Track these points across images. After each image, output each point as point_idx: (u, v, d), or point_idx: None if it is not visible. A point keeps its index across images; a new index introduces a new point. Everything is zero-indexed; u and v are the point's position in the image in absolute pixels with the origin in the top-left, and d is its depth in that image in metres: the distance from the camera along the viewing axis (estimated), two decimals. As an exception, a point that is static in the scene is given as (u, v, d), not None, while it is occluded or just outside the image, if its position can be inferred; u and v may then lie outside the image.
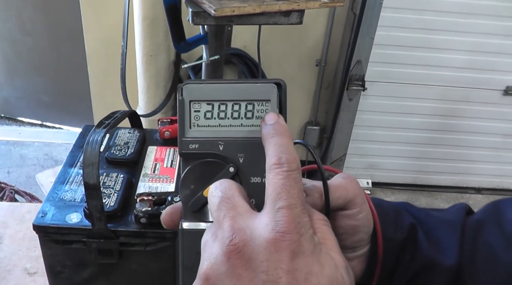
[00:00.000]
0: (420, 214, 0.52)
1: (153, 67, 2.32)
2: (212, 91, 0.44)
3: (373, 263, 0.49)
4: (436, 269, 0.48)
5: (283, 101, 0.44)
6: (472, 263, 0.48)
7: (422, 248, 0.49)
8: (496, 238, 0.47)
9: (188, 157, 0.44)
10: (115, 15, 2.39)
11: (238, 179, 0.43)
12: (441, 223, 0.51)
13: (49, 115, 3.40)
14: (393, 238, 0.49)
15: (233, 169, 0.43)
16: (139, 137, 0.89)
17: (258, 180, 0.43)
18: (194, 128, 0.44)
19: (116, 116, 0.80)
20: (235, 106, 0.44)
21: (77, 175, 0.83)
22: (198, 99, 0.44)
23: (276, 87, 0.44)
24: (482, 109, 2.76)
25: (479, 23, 2.48)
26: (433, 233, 0.50)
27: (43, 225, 0.73)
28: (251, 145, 0.43)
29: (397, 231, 0.49)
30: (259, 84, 0.44)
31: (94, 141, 0.69)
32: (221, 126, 0.44)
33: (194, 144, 0.43)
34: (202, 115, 0.44)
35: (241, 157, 0.43)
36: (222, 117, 0.44)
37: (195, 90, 0.44)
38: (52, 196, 0.78)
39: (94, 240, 0.73)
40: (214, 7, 1.39)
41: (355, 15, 2.41)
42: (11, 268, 1.03)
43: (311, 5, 1.50)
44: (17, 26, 3.09)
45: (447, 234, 0.49)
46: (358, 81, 2.57)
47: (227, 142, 0.43)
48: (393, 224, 0.49)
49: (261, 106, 0.44)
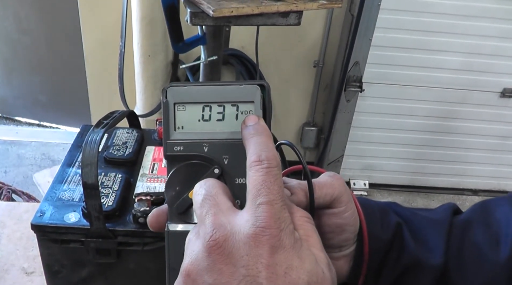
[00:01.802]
0: (406, 214, 0.52)
1: (151, 67, 2.32)
2: (197, 93, 0.44)
3: (360, 262, 0.50)
4: (423, 268, 0.49)
5: (267, 102, 0.44)
6: (459, 262, 0.48)
7: (409, 247, 0.49)
8: (484, 238, 0.47)
9: (173, 159, 0.44)
10: (113, 15, 2.39)
11: (223, 180, 0.43)
12: (428, 222, 0.51)
13: (47, 115, 3.40)
14: (379, 237, 0.49)
15: (218, 170, 0.43)
16: (137, 137, 0.90)
17: (243, 181, 0.43)
18: (179, 130, 0.44)
19: (115, 116, 0.80)
20: (219, 108, 0.44)
21: (75, 174, 0.83)
22: (183, 102, 0.44)
23: (259, 88, 0.44)
24: (479, 111, 2.77)
25: (476, 25, 2.49)
26: (419, 232, 0.50)
27: (41, 225, 0.73)
28: (235, 147, 0.44)
29: (384, 230, 0.49)
30: (242, 86, 0.44)
31: (92, 141, 0.69)
32: (205, 128, 0.44)
33: (179, 146, 0.44)
34: (186, 117, 0.44)
35: (225, 159, 0.44)
36: (206, 119, 0.44)
37: (179, 92, 0.44)
38: (50, 195, 0.78)
39: (92, 240, 0.73)
40: (213, 7, 1.39)
41: (353, 16, 2.41)
42: (9, 267, 1.03)
43: (309, 6, 1.50)
44: (14, 25, 3.09)
45: (433, 233, 0.49)
46: (356, 82, 2.57)
47: (212, 143, 0.44)
48: (379, 224, 0.50)
49: (245, 108, 0.44)
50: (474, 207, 0.51)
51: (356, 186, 3.06)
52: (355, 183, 3.04)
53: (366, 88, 2.60)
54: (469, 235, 0.48)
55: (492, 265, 0.46)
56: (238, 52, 2.58)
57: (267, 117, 0.44)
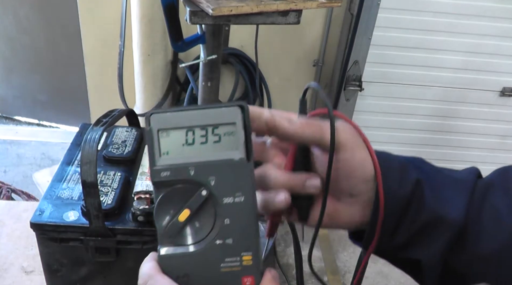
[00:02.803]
0: (430, 170, 0.51)
1: (151, 66, 2.32)
2: (179, 118, 0.45)
3: (375, 217, 0.49)
4: (441, 225, 0.48)
5: (247, 123, 0.45)
6: (477, 224, 0.47)
7: (428, 204, 0.48)
8: (502, 202, 0.47)
9: (161, 185, 0.45)
10: (112, 14, 2.39)
11: (210, 201, 0.45)
12: (451, 181, 0.50)
13: (46, 114, 3.40)
14: (396, 193, 0.48)
15: (206, 192, 0.44)
16: (136, 135, 0.90)
17: (231, 200, 0.44)
18: (164, 156, 0.45)
19: (114, 114, 0.80)
20: (202, 131, 0.45)
21: (75, 173, 0.83)
22: (166, 128, 0.45)
23: (240, 109, 0.45)
24: (479, 110, 2.77)
25: (475, 24, 2.49)
26: (441, 189, 0.49)
27: (40, 223, 0.73)
28: (221, 167, 0.45)
29: (401, 187, 0.49)
30: (223, 108, 0.45)
31: (92, 139, 0.69)
32: (190, 151, 0.45)
33: (166, 171, 0.45)
34: (170, 142, 0.45)
35: (212, 180, 0.45)
36: (190, 143, 0.45)
37: (162, 119, 0.45)
38: (50, 194, 0.78)
39: (91, 238, 0.73)
40: (212, 6, 1.39)
41: (353, 15, 2.41)
42: (8, 266, 1.03)
43: (308, 5, 1.50)
44: (13, 24, 3.09)
45: (456, 192, 0.49)
46: (355, 81, 2.57)
47: (198, 166, 0.45)
48: (397, 179, 0.49)
49: (227, 129, 0.45)
50: (496, 171, 0.51)
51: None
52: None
53: (365, 87, 2.60)
54: (489, 198, 0.48)
55: (508, 229, 0.46)
56: (238, 51, 2.58)
57: (248, 136, 0.45)
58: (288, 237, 2.63)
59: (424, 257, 0.49)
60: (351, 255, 2.57)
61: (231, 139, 0.45)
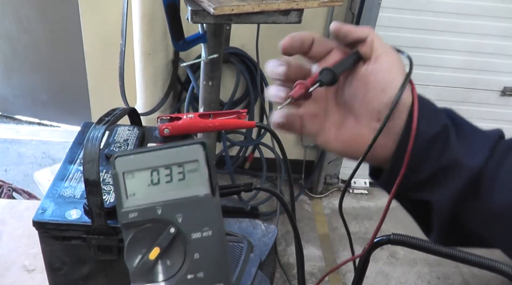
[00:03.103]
0: (460, 120, 0.53)
1: (151, 65, 2.33)
2: (143, 159, 0.47)
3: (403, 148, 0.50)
4: (460, 168, 0.49)
5: (209, 159, 0.47)
6: (493, 176, 0.48)
7: (452, 147, 0.50)
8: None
9: (129, 226, 0.46)
10: (113, 14, 2.40)
11: (179, 238, 0.46)
12: (477, 133, 0.52)
13: (47, 114, 3.40)
14: (426, 130, 0.50)
15: (174, 229, 0.46)
16: (138, 134, 0.89)
17: (199, 235, 0.46)
18: (131, 197, 0.46)
19: (116, 113, 0.80)
20: (166, 170, 0.47)
21: (77, 171, 0.83)
22: (131, 170, 0.46)
23: (202, 146, 0.47)
24: (480, 109, 2.77)
25: (476, 24, 2.49)
26: (467, 137, 0.51)
27: (42, 221, 0.72)
28: (187, 204, 0.46)
29: (431, 126, 0.50)
30: (185, 146, 0.47)
31: (94, 137, 0.69)
32: (156, 191, 0.47)
33: (133, 213, 0.46)
34: (136, 184, 0.46)
35: (179, 217, 0.46)
36: (156, 182, 0.47)
37: (126, 161, 0.46)
38: (52, 192, 0.78)
39: (93, 237, 0.72)
40: (214, 5, 1.40)
41: (354, 14, 2.42)
42: (10, 265, 1.03)
43: (310, 4, 1.51)
44: (14, 23, 3.09)
45: (479, 144, 0.50)
46: (356, 80, 2.57)
47: (164, 205, 0.46)
48: (429, 118, 0.50)
49: (191, 166, 0.47)
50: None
51: (356, 184, 3.06)
52: (355, 181, 3.04)
53: (366, 86, 2.60)
54: (508, 158, 0.49)
55: None
56: (239, 51, 2.59)
57: (211, 171, 0.47)
58: (288, 236, 2.63)
59: (437, 199, 0.50)
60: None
61: (195, 176, 0.47)
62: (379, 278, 2.44)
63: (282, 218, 2.71)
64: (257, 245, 1.25)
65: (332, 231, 2.73)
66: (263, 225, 1.34)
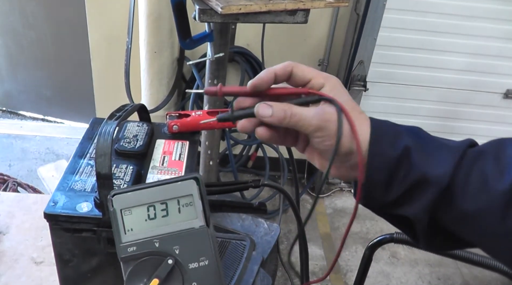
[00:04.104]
0: (425, 137, 0.56)
1: (157, 63, 2.34)
2: (139, 196, 0.49)
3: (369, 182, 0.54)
4: (429, 183, 0.52)
5: (203, 192, 0.50)
6: (464, 184, 0.51)
7: (415, 165, 0.53)
8: (492, 169, 0.50)
9: (128, 260, 0.49)
10: (119, 11, 2.41)
11: (177, 269, 0.49)
12: (443, 146, 0.54)
13: (51, 110, 3.42)
14: (386, 155, 0.53)
15: (172, 261, 0.48)
16: (147, 130, 0.91)
17: (196, 265, 0.49)
18: (129, 232, 0.49)
19: (127, 108, 0.81)
20: (162, 205, 0.50)
21: (87, 166, 0.84)
22: (128, 207, 0.49)
23: (195, 181, 0.50)
24: (483, 112, 2.78)
25: (480, 26, 2.50)
26: (431, 153, 0.54)
27: (54, 214, 0.74)
28: (183, 236, 0.49)
29: (393, 149, 0.53)
30: (179, 182, 0.50)
31: (106, 132, 0.71)
32: (153, 225, 0.49)
33: (132, 247, 0.49)
34: (134, 219, 0.49)
35: (176, 249, 0.49)
36: (152, 217, 0.49)
37: (123, 199, 0.49)
38: (63, 185, 0.79)
39: (104, 229, 0.74)
40: (221, 4, 1.41)
41: (359, 15, 2.43)
42: (18, 257, 1.04)
43: (316, 5, 1.52)
44: (20, 20, 3.10)
45: (445, 156, 0.53)
46: (360, 81, 2.58)
47: (162, 238, 0.49)
48: (388, 142, 0.54)
49: (186, 201, 0.50)
50: (491, 141, 0.54)
51: (358, 185, 3.07)
52: (357, 182, 3.05)
53: (370, 87, 2.61)
54: (478, 164, 0.51)
55: (493, 193, 0.49)
56: (244, 50, 2.60)
57: (205, 204, 0.50)
58: (291, 235, 2.64)
59: (411, 214, 0.54)
60: (353, 254, 2.59)
61: (190, 209, 0.50)
62: (380, 278, 2.46)
63: (284, 217, 2.72)
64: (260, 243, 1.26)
65: (334, 231, 2.74)
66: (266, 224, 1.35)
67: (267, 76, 0.56)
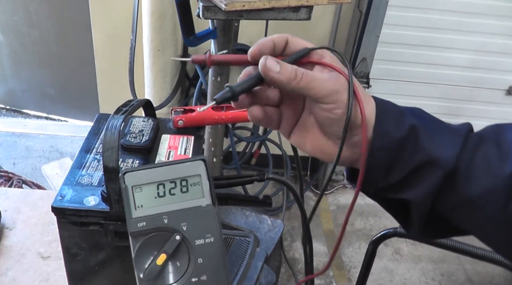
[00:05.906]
0: (428, 118, 0.54)
1: (160, 61, 2.35)
2: (150, 175, 0.52)
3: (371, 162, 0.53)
4: (434, 165, 0.50)
5: (210, 174, 0.52)
6: (468, 168, 0.50)
7: (423, 146, 0.51)
8: (493, 153, 0.50)
9: (138, 235, 0.51)
10: (122, 9, 2.42)
11: (184, 245, 0.51)
12: (447, 128, 0.53)
13: (55, 108, 3.43)
14: (390, 135, 0.51)
15: (179, 236, 0.51)
16: (153, 125, 0.92)
17: (202, 241, 0.51)
18: (139, 209, 0.51)
19: (133, 103, 0.82)
20: (171, 184, 0.52)
21: (93, 160, 0.85)
22: (139, 184, 0.51)
23: (203, 162, 0.52)
24: (485, 108, 2.78)
25: (483, 23, 2.50)
26: (436, 135, 0.52)
27: (61, 207, 0.75)
28: (191, 214, 0.51)
29: (397, 129, 0.52)
30: (188, 163, 0.52)
31: (113, 126, 0.72)
32: (162, 202, 0.52)
33: (142, 222, 0.51)
34: (144, 196, 0.51)
35: (184, 225, 0.51)
36: (162, 195, 0.52)
37: (135, 176, 0.52)
38: (70, 180, 0.80)
39: (111, 223, 0.75)
40: (225, 1, 1.42)
41: (361, 12, 2.43)
42: (25, 252, 1.05)
43: (319, 1, 1.52)
44: (23, 18, 3.11)
45: (450, 138, 0.52)
46: (363, 78, 2.59)
47: (170, 215, 0.51)
48: (393, 123, 0.52)
49: (194, 180, 0.52)
50: (490, 126, 0.54)
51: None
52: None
53: (373, 84, 2.62)
54: (481, 148, 0.51)
55: (497, 177, 0.48)
56: (247, 47, 2.60)
57: (211, 185, 0.52)
58: (294, 232, 2.65)
59: (414, 197, 0.52)
60: (357, 250, 2.59)
61: (197, 188, 0.52)
62: (384, 274, 2.46)
63: (288, 214, 2.73)
64: (263, 240, 1.27)
65: (337, 227, 2.75)
66: (270, 220, 1.36)
67: (267, 42, 0.55)
